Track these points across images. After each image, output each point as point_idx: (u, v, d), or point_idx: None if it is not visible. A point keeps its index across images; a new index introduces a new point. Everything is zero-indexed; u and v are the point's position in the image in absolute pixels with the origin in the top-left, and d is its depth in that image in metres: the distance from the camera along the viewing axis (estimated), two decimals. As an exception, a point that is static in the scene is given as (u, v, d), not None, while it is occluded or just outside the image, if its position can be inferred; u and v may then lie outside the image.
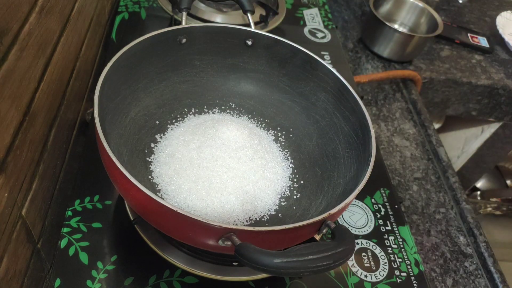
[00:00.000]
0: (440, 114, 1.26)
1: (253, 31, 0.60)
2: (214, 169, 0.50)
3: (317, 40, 0.91)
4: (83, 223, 0.52)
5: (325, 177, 0.56)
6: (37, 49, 0.45)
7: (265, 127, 0.62)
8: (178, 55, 0.58)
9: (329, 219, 0.40)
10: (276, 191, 0.54)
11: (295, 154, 0.60)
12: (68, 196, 0.59)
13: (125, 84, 0.53)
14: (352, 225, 0.61)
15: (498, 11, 1.23)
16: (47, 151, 0.50)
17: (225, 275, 0.51)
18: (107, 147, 0.40)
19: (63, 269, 0.48)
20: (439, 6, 1.25)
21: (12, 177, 0.41)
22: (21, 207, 0.44)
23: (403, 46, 0.98)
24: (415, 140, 0.87)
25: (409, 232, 0.62)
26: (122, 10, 0.83)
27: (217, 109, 0.63)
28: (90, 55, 0.68)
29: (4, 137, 0.39)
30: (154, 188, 0.51)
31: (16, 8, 0.39)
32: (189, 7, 0.60)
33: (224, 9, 0.84)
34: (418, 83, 0.98)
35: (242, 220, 0.50)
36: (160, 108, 0.59)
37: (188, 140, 0.54)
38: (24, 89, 0.42)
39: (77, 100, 0.63)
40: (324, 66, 0.57)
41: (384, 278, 0.56)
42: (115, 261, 0.50)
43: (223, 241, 0.37)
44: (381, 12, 1.06)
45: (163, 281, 0.50)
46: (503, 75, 1.06)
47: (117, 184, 0.42)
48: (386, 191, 0.67)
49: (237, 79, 0.64)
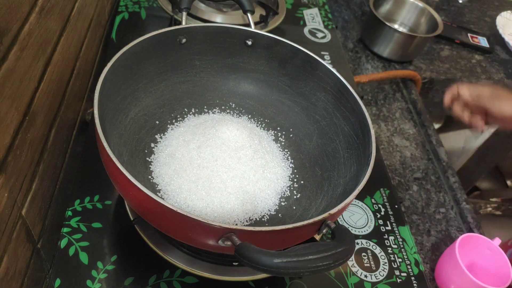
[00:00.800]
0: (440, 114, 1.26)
1: (253, 31, 0.60)
2: (214, 169, 0.50)
3: (317, 40, 0.91)
4: (83, 223, 0.52)
5: (325, 177, 0.56)
6: (37, 49, 0.45)
7: (265, 127, 0.62)
8: (178, 55, 0.58)
9: (329, 219, 0.40)
10: (276, 191, 0.54)
11: (295, 154, 0.60)
12: (68, 196, 0.59)
13: (125, 84, 0.53)
14: (352, 225, 0.61)
15: (498, 11, 1.23)
16: (47, 151, 0.50)
17: (225, 275, 0.51)
18: (107, 147, 0.40)
19: (63, 269, 0.48)
20: (439, 6, 1.25)
21: (12, 177, 0.41)
22: (21, 207, 0.44)
23: (403, 46, 0.98)
24: (415, 140, 0.87)
25: (409, 232, 0.62)
26: (122, 10, 0.83)
27: (217, 109, 0.63)
28: (90, 55, 0.68)
29: (4, 137, 0.39)
30: (154, 188, 0.51)
31: (16, 8, 0.39)
32: (189, 7, 0.60)
33: (224, 9, 0.84)
34: (418, 83, 0.98)
35: (242, 220, 0.50)
36: (160, 108, 0.59)
37: (188, 140, 0.54)
38: (24, 89, 0.42)
39: (77, 100, 0.63)
40: (324, 66, 0.57)
41: (384, 278, 0.56)
42: (115, 261, 0.50)
43: (223, 241, 0.37)
44: (381, 12, 1.06)
45: (163, 281, 0.50)
46: (503, 75, 1.06)
47: (117, 184, 0.42)
48: (386, 191, 0.67)
49: (237, 79, 0.64)
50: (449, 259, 0.61)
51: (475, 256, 0.63)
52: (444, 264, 0.62)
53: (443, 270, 0.62)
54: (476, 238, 0.62)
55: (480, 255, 0.63)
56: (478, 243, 0.63)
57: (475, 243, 0.63)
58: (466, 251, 0.62)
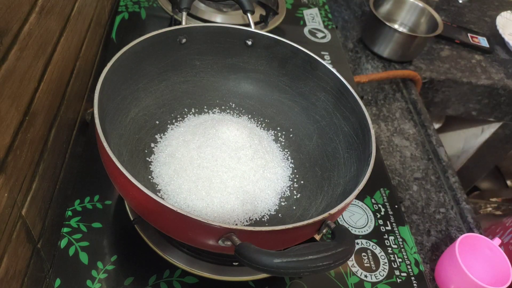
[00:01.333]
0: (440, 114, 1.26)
1: (253, 31, 0.60)
2: (214, 169, 0.50)
3: (317, 40, 0.91)
4: (83, 223, 0.52)
5: (325, 177, 0.56)
6: (37, 49, 0.45)
7: (265, 127, 0.62)
8: (178, 55, 0.58)
9: (329, 219, 0.40)
10: (276, 191, 0.54)
11: (295, 154, 0.60)
12: (68, 196, 0.59)
13: (125, 84, 0.53)
14: (352, 225, 0.61)
15: (498, 11, 1.23)
16: (47, 151, 0.50)
17: (225, 275, 0.51)
18: (107, 147, 0.40)
19: (63, 269, 0.48)
20: (439, 6, 1.25)
21: (12, 177, 0.41)
22: (21, 207, 0.44)
23: (403, 46, 0.98)
24: (415, 140, 0.87)
25: (409, 232, 0.62)
26: (122, 10, 0.83)
27: (217, 109, 0.63)
28: (90, 55, 0.68)
29: (4, 137, 0.39)
30: (154, 188, 0.51)
31: (16, 8, 0.39)
32: (189, 7, 0.60)
33: (224, 9, 0.84)
34: (418, 83, 0.98)
35: (242, 220, 0.50)
36: (160, 108, 0.59)
37: (188, 140, 0.54)
38: (24, 89, 0.42)
39: (77, 100, 0.63)
40: (324, 66, 0.57)
41: (384, 278, 0.56)
42: (115, 261, 0.50)
43: (223, 241, 0.37)
44: (381, 12, 1.06)
45: (163, 281, 0.50)
46: (503, 75, 1.06)
47: (117, 184, 0.42)
48: (386, 191, 0.67)
49: (237, 79, 0.64)
50: (449, 259, 0.61)
51: (475, 256, 0.63)
52: (444, 264, 0.62)
53: (443, 270, 0.62)
54: (476, 238, 0.62)
55: (480, 255, 0.63)
56: (478, 243, 0.63)
57: (475, 243, 0.63)
58: (466, 251, 0.62)
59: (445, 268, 0.62)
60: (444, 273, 0.62)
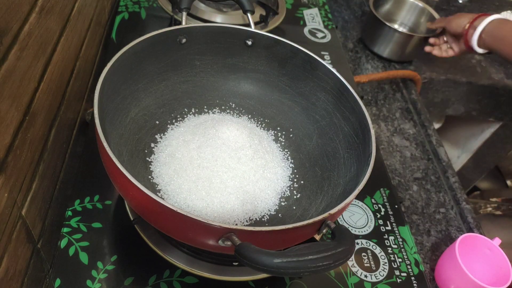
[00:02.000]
0: (440, 114, 1.26)
1: (253, 31, 0.60)
2: (214, 169, 0.50)
3: (317, 40, 0.91)
4: (83, 223, 0.52)
5: (325, 177, 0.56)
6: (37, 49, 0.45)
7: (265, 127, 0.62)
8: (178, 55, 0.58)
9: (329, 219, 0.40)
10: (276, 191, 0.54)
11: (295, 154, 0.60)
12: (68, 196, 0.59)
13: (125, 84, 0.53)
14: (352, 225, 0.61)
15: (498, 11, 1.23)
16: (47, 151, 0.50)
17: (225, 275, 0.51)
18: (107, 147, 0.40)
19: (63, 269, 0.48)
20: (439, 6, 1.25)
21: (12, 177, 0.41)
22: (21, 207, 0.44)
23: (403, 46, 0.98)
24: (415, 140, 0.87)
25: (409, 232, 0.62)
26: (122, 10, 0.83)
27: (217, 109, 0.63)
28: (90, 55, 0.68)
29: (4, 137, 0.39)
30: (154, 188, 0.51)
31: (16, 8, 0.39)
32: (189, 7, 0.60)
33: (224, 9, 0.84)
34: (418, 83, 0.98)
35: (242, 220, 0.50)
36: (160, 108, 0.59)
37: (188, 140, 0.54)
38: (24, 89, 0.42)
39: (77, 100, 0.63)
40: (324, 66, 0.57)
41: (384, 278, 0.56)
42: (115, 261, 0.50)
43: (223, 241, 0.37)
44: (381, 12, 1.06)
45: (163, 281, 0.50)
46: (503, 75, 1.06)
47: (117, 184, 0.42)
48: (386, 191, 0.67)
49: (237, 79, 0.64)
50: (449, 259, 0.61)
51: (475, 256, 0.63)
52: (444, 264, 0.62)
53: (443, 270, 0.62)
54: (476, 238, 0.62)
55: (480, 255, 0.63)
56: (478, 243, 0.63)
57: (475, 243, 0.63)
58: (466, 251, 0.62)
59: (445, 268, 0.62)
60: (444, 273, 0.62)
